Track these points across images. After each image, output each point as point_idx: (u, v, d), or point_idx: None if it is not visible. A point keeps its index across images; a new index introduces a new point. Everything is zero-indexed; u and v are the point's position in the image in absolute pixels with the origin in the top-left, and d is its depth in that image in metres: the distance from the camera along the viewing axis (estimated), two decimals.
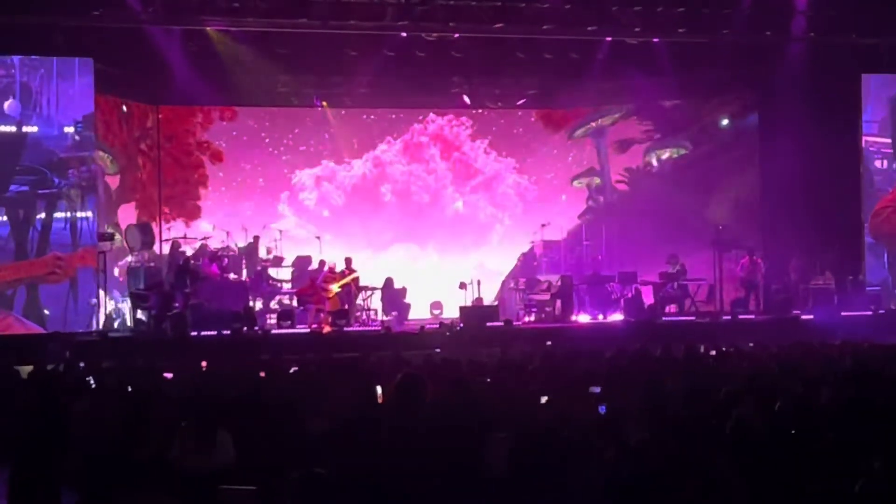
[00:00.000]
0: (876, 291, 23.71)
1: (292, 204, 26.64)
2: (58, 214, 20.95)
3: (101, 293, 21.72)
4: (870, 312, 22.74)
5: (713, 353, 15.16)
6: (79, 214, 21.06)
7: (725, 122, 26.72)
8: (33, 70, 20.95)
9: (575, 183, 28.49)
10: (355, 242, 26.40)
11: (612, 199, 28.27)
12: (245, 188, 26.30)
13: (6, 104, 20.65)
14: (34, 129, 20.86)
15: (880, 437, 6.98)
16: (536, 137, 28.25)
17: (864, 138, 24.31)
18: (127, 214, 23.92)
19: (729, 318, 22.76)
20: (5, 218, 20.65)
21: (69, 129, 21.01)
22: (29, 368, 14.20)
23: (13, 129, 20.77)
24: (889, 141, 24.49)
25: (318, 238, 25.07)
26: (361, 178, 27.16)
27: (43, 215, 20.87)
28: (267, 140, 26.52)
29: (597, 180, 28.48)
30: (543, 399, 9.78)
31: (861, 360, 12.77)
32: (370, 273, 24.82)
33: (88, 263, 21.16)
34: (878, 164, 24.34)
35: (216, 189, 26.10)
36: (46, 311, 20.84)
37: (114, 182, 23.38)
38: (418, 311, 24.46)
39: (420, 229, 27.46)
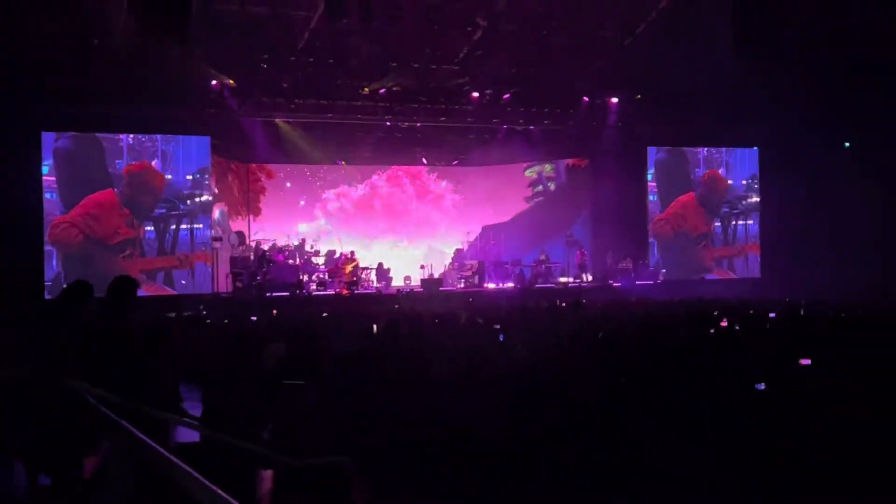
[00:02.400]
0: (654, 269, 24.01)
1: (322, 210, 26.40)
2: (183, 227, 20.72)
3: (215, 273, 21.42)
4: (652, 282, 23.05)
5: (563, 304, 15.29)
6: (195, 226, 20.82)
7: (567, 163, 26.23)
8: (167, 142, 20.68)
9: (527, 172, 26.86)
10: (359, 234, 26.19)
11: (561, 182, 26.31)
12: (294, 201, 25.93)
13: (153, 162, 20.55)
14: (169, 176, 20.65)
15: (660, 356, 7.07)
16: (465, 175, 27.86)
17: (649, 183, 24.51)
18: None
19: (575, 285, 22.95)
20: (152, 228, 20.46)
21: (189, 177, 20.86)
22: (173, 314, 14.14)
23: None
24: (656, 185, 24.50)
25: (339, 239, 24.94)
26: (363, 196, 26.90)
27: (174, 227, 20.66)
28: (307, 172, 26.20)
29: (548, 167, 26.63)
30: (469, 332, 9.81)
31: (648, 310, 12.94)
32: (368, 254, 24.87)
33: (202, 260, 20.92)
34: (651, 198, 24.48)
35: (277, 200, 25.54)
36: (183, 282, 20.64)
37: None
38: (397, 281, 24.33)
39: (397, 227, 27.12)
